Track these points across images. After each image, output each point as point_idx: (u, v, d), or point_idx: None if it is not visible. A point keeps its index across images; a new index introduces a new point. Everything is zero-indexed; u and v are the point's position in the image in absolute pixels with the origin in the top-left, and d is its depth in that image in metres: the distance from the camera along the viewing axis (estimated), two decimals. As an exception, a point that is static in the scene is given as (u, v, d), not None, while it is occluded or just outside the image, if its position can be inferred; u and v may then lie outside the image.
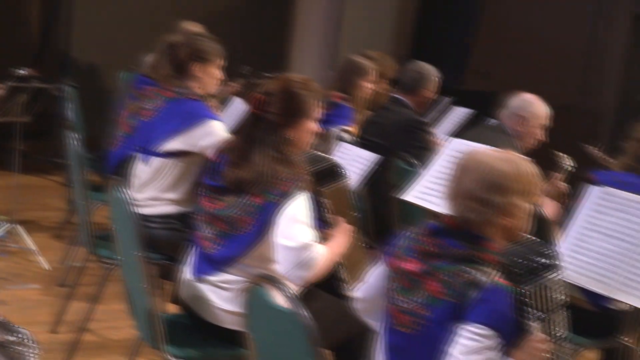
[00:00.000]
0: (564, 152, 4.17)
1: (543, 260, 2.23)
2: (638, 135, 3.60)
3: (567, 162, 4.13)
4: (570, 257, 3.05)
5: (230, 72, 4.69)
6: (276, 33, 7.98)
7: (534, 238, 2.32)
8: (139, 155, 3.68)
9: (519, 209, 2.24)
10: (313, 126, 2.89)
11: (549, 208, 3.67)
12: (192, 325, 2.92)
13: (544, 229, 3.28)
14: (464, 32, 8.06)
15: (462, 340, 2.14)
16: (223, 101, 4.84)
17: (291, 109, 2.82)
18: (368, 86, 4.97)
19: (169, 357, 2.77)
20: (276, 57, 7.64)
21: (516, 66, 7.92)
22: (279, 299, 2.27)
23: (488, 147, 2.51)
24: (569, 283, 2.98)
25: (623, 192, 3.10)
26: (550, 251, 2.28)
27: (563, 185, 4.03)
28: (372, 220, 4.02)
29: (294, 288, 2.73)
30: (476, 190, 2.22)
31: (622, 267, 2.95)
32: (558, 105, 4.38)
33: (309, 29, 7.76)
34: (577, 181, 3.39)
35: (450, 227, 2.26)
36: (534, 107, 4.22)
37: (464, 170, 2.27)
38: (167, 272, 3.37)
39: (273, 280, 2.31)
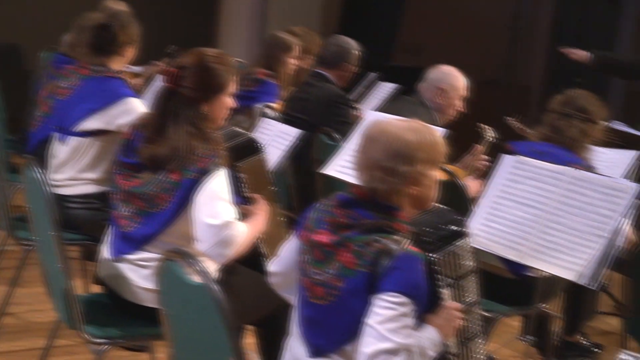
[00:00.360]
0: (491, 126, 4.23)
1: (451, 227, 2.26)
2: (555, 107, 3.67)
3: (490, 133, 4.19)
4: (484, 225, 3.10)
5: (156, 51, 4.63)
6: (203, 10, 7.90)
7: (442, 206, 2.34)
8: (57, 135, 3.62)
9: (426, 177, 2.26)
10: (228, 101, 2.86)
11: (470, 181, 3.73)
12: (112, 304, 2.89)
13: (457, 197, 3.33)
14: (392, 8, 8.08)
15: (378, 310, 2.15)
16: (148, 80, 4.79)
17: (206, 83, 2.78)
18: (293, 62, 4.97)
19: (88, 337, 2.74)
20: (204, 35, 7.56)
21: (445, 41, 7.96)
22: (192, 274, 2.26)
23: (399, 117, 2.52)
24: (486, 251, 3.04)
25: (536, 160, 3.16)
26: (458, 218, 2.31)
27: (484, 157, 4.08)
28: (296, 195, 4.03)
29: (214, 265, 2.74)
30: (382, 160, 2.23)
31: (533, 234, 3.00)
32: (486, 79, 4.43)
33: (237, 5, 7.70)
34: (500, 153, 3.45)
35: (360, 198, 2.26)
36: (452, 79, 4.26)
37: (370, 140, 2.28)
38: (90, 253, 3.33)
39: (185, 255, 2.29)
